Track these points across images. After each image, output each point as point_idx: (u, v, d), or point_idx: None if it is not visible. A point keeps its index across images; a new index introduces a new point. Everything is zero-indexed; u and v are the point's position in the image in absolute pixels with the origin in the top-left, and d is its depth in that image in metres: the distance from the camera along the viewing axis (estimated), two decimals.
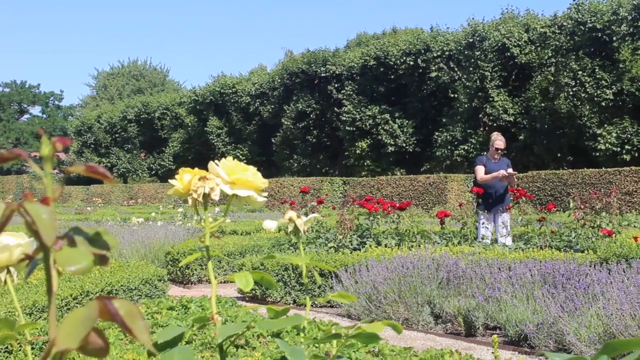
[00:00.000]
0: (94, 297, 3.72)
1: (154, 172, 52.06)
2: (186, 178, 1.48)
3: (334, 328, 1.38)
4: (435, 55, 34.91)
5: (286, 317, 1.43)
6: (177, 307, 5.42)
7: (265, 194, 1.53)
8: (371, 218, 10.91)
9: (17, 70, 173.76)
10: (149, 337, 0.64)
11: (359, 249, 9.92)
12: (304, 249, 10.58)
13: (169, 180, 1.55)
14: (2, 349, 4.43)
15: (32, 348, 4.16)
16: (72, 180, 57.60)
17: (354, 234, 10.64)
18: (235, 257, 10.39)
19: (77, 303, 5.78)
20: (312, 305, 7.37)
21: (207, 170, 1.49)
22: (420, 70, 35.65)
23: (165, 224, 15.41)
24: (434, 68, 34.91)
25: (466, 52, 33.72)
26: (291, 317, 1.42)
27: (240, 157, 43.45)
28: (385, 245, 9.94)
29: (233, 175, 1.47)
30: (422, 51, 35.50)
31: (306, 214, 11.73)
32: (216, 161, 1.52)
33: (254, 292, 8.60)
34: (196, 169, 1.51)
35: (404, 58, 35.80)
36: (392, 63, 36.17)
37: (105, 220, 17.45)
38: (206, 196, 1.50)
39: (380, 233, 10.75)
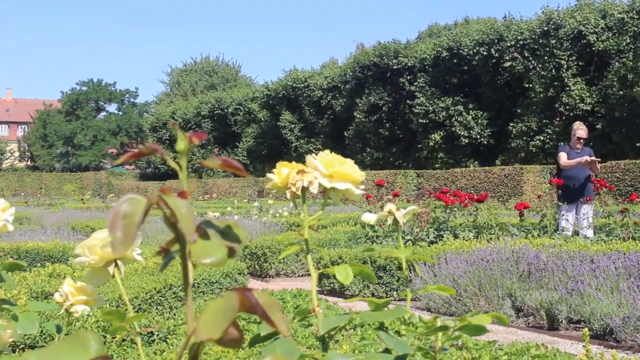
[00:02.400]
0: (177, 290, 3.78)
1: None
2: (284, 172, 1.49)
3: (439, 320, 1.37)
4: (509, 44, 34.39)
5: (388, 310, 1.42)
6: None
7: (363, 186, 1.53)
8: (447, 211, 10.82)
9: (94, 69, 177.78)
10: (288, 327, 0.65)
11: (436, 242, 9.84)
12: (381, 242, 10.56)
13: (267, 174, 1.56)
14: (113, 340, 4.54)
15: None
16: (148, 176, 58.67)
17: (430, 227, 10.57)
18: (312, 251, 10.42)
19: (160, 296, 5.88)
20: (393, 300, 7.35)
21: (283, 163, 1.49)
22: (494, 61, 35.17)
23: (242, 218, 15.56)
24: (507, 58, 34.40)
25: (541, 41, 33.12)
26: (393, 309, 1.41)
27: (314, 151, 43.53)
28: (463, 238, 9.85)
29: (331, 168, 1.47)
30: (496, 41, 35.01)
31: (382, 208, 11.72)
32: (313, 154, 1.52)
33: (332, 285, 8.62)
34: (293, 162, 1.51)
35: (477, 48, 35.37)
36: (465, 54, 35.78)
37: None
38: (304, 189, 1.50)
39: (457, 226, 10.65)
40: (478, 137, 35.86)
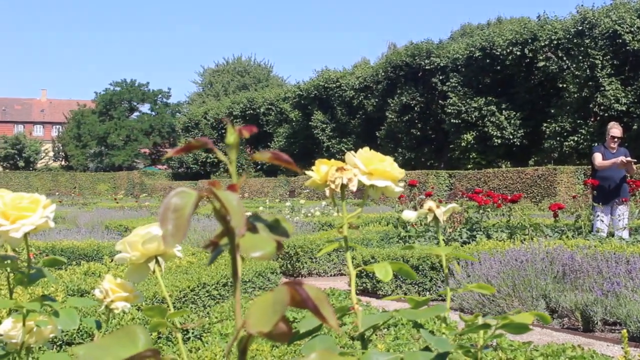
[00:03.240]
0: (211, 288, 3.79)
1: (259, 167, 52.77)
2: (323, 169, 1.48)
3: (480, 319, 1.36)
4: (542, 44, 34.11)
5: (429, 307, 1.42)
6: None
7: (402, 184, 1.52)
8: (480, 211, 10.76)
9: (128, 70, 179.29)
10: (337, 321, 0.65)
11: (469, 242, 9.79)
12: (413, 242, 10.53)
13: (306, 172, 1.55)
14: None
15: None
16: (180, 175, 59.01)
17: (463, 227, 10.52)
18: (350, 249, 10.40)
19: (194, 295, 5.91)
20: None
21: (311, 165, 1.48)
22: (527, 60, 34.91)
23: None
24: (541, 58, 34.12)
25: (575, 41, 32.81)
26: (434, 307, 1.41)
27: (345, 150, 43.36)
28: (496, 239, 9.78)
29: (370, 165, 1.47)
30: (529, 40, 34.74)
31: (415, 208, 11.65)
32: (352, 152, 1.52)
33: (364, 285, 8.60)
34: (332, 160, 1.51)
35: (511, 48, 35.13)
36: (498, 53, 35.55)
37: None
38: (344, 187, 1.49)
39: (490, 226, 10.59)
40: (511, 137, 35.62)
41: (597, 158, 10.18)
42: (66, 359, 1.51)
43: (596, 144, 10.96)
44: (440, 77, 38.55)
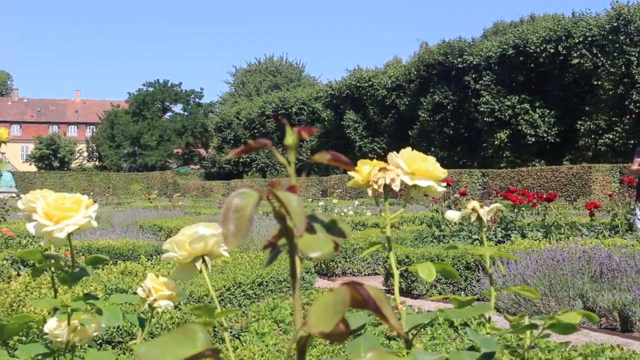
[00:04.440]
0: (246, 288, 3.80)
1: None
2: (365, 169, 1.48)
3: (526, 319, 1.35)
4: (577, 41, 33.80)
5: (473, 307, 1.41)
6: None
7: (444, 184, 1.52)
8: (515, 210, 10.69)
9: (161, 70, 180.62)
10: (398, 321, 0.65)
11: (504, 242, 9.73)
12: (447, 242, 10.48)
13: (348, 172, 1.55)
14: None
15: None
16: (213, 175, 59.29)
17: (497, 227, 10.45)
18: (378, 250, 10.39)
19: (230, 294, 5.93)
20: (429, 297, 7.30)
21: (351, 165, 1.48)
22: (562, 58, 34.61)
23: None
24: (575, 55, 33.81)
25: (610, 37, 32.46)
26: (478, 306, 1.40)
27: (377, 150, 43.55)
28: (531, 238, 9.71)
29: (413, 165, 1.46)
30: (563, 38, 34.44)
31: (449, 207, 11.60)
32: (394, 152, 1.52)
33: (399, 284, 8.59)
34: (374, 160, 1.51)
35: (544, 45, 34.85)
36: (531, 51, 35.29)
37: None
38: (386, 187, 1.49)
39: (525, 225, 10.51)
40: (545, 135, 35.35)
41: (635, 164, 9.98)
42: (111, 357, 1.53)
43: None
44: (473, 76, 38.35)
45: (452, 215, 1.63)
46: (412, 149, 1.47)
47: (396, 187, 1.48)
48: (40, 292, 4.21)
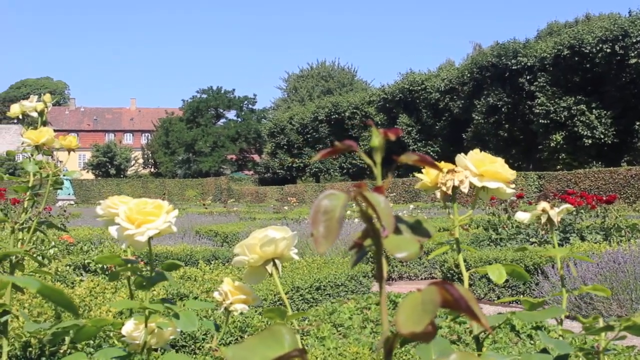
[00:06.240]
0: (304, 292, 3.82)
1: (345, 171, 52.87)
2: (433, 172, 1.48)
3: (600, 321, 1.34)
4: (634, 40, 33.24)
5: (545, 309, 1.40)
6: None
7: (513, 185, 1.51)
8: (573, 213, 10.54)
9: (214, 77, 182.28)
10: (488, 321, 0.65)
11: (562, 245, 9.61)
12: (504, 245, 10.38)
13: (416, 174, 1.56)
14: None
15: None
16: (267, 181, 59.55)
17: (556, 230, 10.31)
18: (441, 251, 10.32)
19: (288, 298, 5.96)
20: (508, 302, 7.23)
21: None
22: (618, 58, 34.05)
23: (361, 221, 15.53)
24: (633, 54, 33.24)
25: None
26: (550, 309, 1.39)
27: (431, 153, 43.31)
28: (590, 241, 9.57)
29: (481, 167, 1.46)
30: (620, 37, 33.88)
31: (505, 209, 11.49)
32: (462, 154, 1.51)
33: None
34: (442, 162, 1.50)
35: (600, 45, 34.33)
36: (587, 51, 34.79)
37: (303, 218, 17.81)
38: (455, 189, 1.49)
39: (583, 228, 10.37)
40: (602, 137, 34.81)
41: None
42: None
43: None
44: (528, 77, 37.95)
45: (523, 216, 1.62)
46: (466, 152, 1.47)
47: (465, 189, 1.47)
48: (105, 296, 4.29)
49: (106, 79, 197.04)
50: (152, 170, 76.63)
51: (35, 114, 2.29)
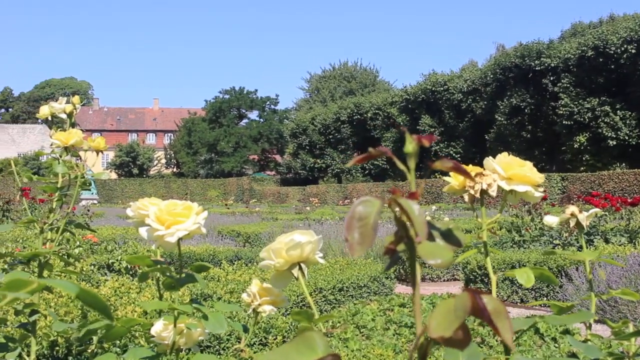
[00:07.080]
0: (327, 293, 3.82)
1: (367, 171, 52.80)
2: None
3: (630, 326, 1.33)
4: None
5: (574, 313, 1.40)
6: (408, 304, 5.45)
7: (542, 189, 1.50)
8: (597, 215, 10.47)
9: (236, 78, 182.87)
10: (512, 336, 0.65)
11: (586, 247, 9.54)
12: (528, 247, 10.33)
13: (444, 177, 1.55)
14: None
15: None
16: (289, 181, 59.60)
17: (580, 232, 10.25)
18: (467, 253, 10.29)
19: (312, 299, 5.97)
20: (544, 305, 7.20)
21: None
22: None
23: (383, 222, 15.53)
24: None
25: None
26: (579, 313, 1.39)
27: (454, 154, 43.19)
28: (615, 243, 9.51)
29: (510, 170, 1.45)
30: None
31: (528, 212, 11.43)
32: (490, 157, 1.51)
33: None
34: (470, 165, 1.50)
35: (625, 46, 34.06)
36: (611, 52, 34.53)
37: (325, 219, 17.81)
38: (483, 192, 1.48)
39: (608, 230, 10.29)
40: (626, 138, 34.54)
41: None
42: None
43: None
44: (551, 78, 37.73)
45: (551, 220, 1.62)
46: (489, 154, 1.47)
47: (493, 192, 1.47)
48: (130, 296, 4.31)
49: (129, 79, 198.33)
50: (175, 170, 76.92)
51: (64, 116, 2.31)
